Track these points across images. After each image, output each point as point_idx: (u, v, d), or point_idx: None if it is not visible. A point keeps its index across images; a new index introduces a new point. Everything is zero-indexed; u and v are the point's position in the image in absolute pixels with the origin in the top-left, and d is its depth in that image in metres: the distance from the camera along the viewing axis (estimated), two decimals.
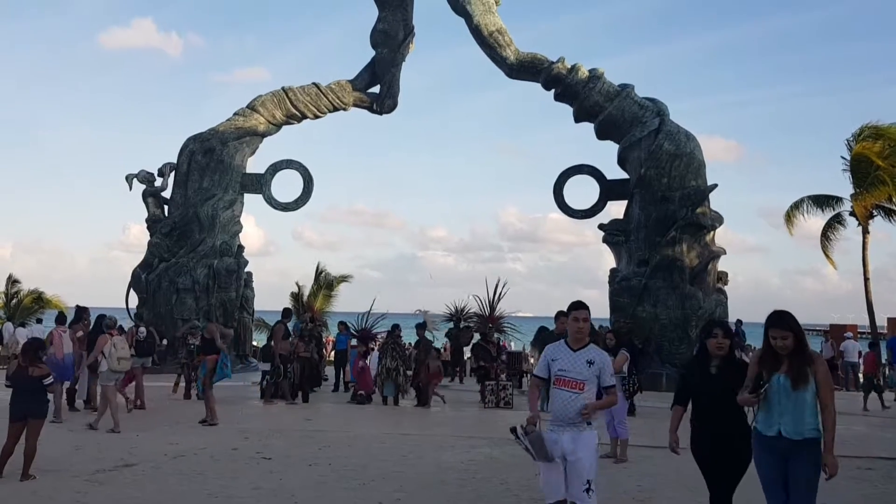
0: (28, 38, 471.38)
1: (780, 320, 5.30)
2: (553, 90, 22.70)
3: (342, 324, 20.09)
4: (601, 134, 22.67)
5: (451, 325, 22.50)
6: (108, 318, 13.48)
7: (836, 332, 30.20)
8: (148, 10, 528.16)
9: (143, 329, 17.97)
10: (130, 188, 24.19)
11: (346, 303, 36.54)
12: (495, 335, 20.30)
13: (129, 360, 13.07)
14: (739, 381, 5.47)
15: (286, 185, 25.19)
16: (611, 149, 22.89)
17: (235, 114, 24.36)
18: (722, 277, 21.61)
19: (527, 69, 22.78)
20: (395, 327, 17.59)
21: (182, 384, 17.08)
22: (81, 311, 15.38)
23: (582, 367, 5.76)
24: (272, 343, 16.48)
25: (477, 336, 20.59)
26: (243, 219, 24.99)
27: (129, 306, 23.62)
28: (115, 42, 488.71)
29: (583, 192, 23.63)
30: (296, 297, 34.29)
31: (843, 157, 29.21)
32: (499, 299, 20.60)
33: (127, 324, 23.51)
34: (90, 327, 14.59)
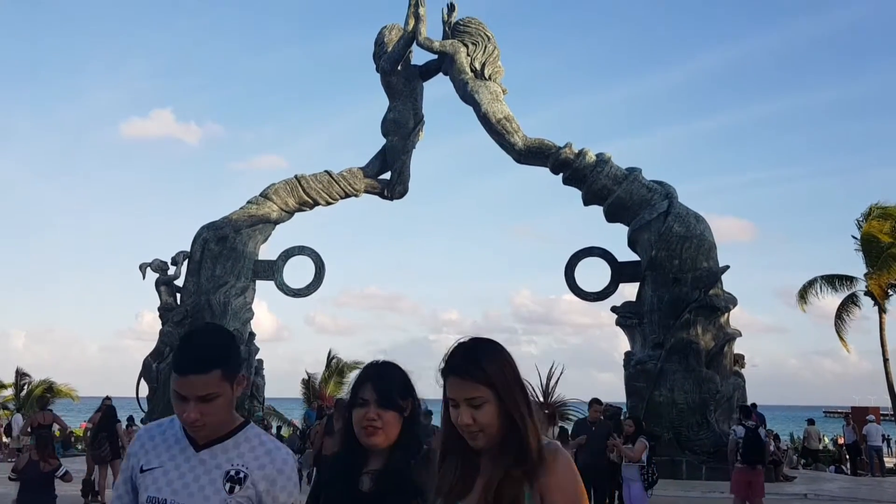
0: (49, 128, 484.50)
1: (465, 357, 2.39)
2: (561, 174, 22.95)
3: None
4: (610, 217, 22.79)
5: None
6: None
7: (858, 415, 29.52)
8: (167, 101, 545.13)
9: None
10: (144, 277, 24.32)
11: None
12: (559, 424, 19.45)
13: None
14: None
15: (298, 271, 25.30)
16: (621, 231, 22.99)
17: (249, 202, 24.69)
18: (739, 360, 21.28)
19: (535, 154, 23.08)
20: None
21: None
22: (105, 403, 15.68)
23: (207, 491, 2.58)
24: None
25: None
26: (256, 304, 24.98)
27: (140, 396, 23.42)
28: (135, 131, 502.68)
29: (594, 274, 23.56)
30: (306, 384, 33.97)
31: (853, 237, 29.29)
32: (555, 384, 20.65)
33: (137, 415, 23.44)
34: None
